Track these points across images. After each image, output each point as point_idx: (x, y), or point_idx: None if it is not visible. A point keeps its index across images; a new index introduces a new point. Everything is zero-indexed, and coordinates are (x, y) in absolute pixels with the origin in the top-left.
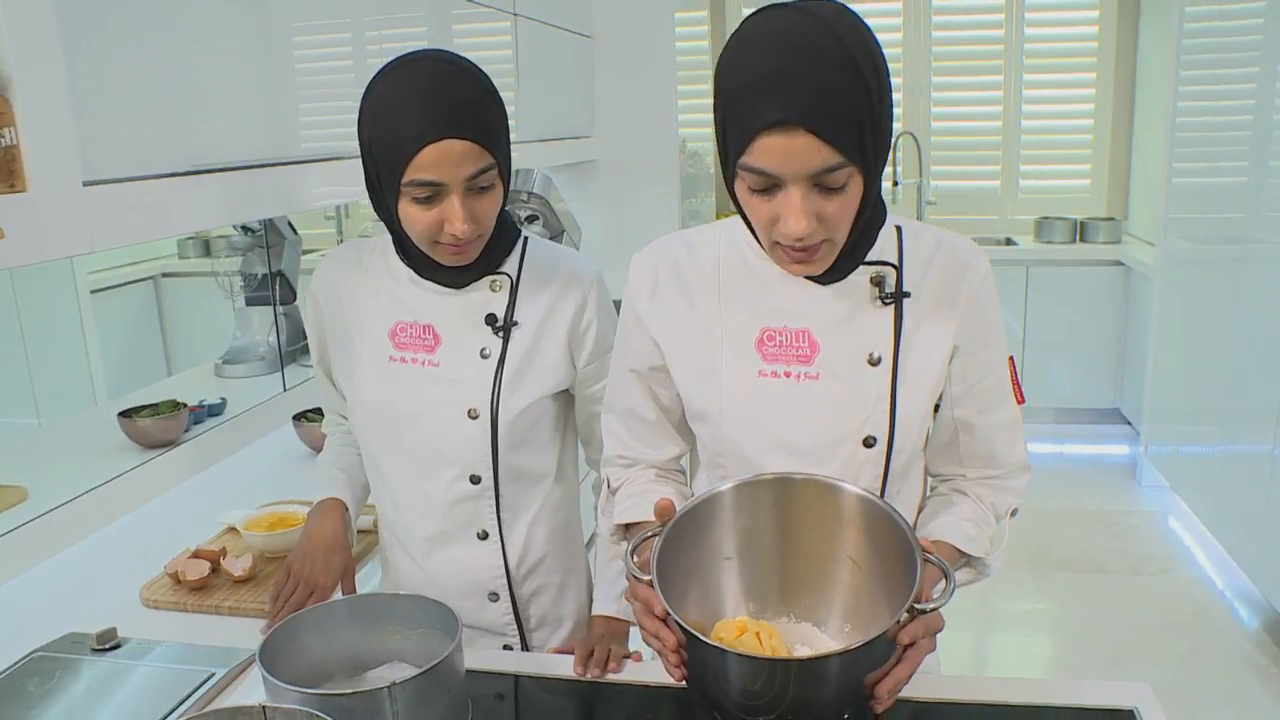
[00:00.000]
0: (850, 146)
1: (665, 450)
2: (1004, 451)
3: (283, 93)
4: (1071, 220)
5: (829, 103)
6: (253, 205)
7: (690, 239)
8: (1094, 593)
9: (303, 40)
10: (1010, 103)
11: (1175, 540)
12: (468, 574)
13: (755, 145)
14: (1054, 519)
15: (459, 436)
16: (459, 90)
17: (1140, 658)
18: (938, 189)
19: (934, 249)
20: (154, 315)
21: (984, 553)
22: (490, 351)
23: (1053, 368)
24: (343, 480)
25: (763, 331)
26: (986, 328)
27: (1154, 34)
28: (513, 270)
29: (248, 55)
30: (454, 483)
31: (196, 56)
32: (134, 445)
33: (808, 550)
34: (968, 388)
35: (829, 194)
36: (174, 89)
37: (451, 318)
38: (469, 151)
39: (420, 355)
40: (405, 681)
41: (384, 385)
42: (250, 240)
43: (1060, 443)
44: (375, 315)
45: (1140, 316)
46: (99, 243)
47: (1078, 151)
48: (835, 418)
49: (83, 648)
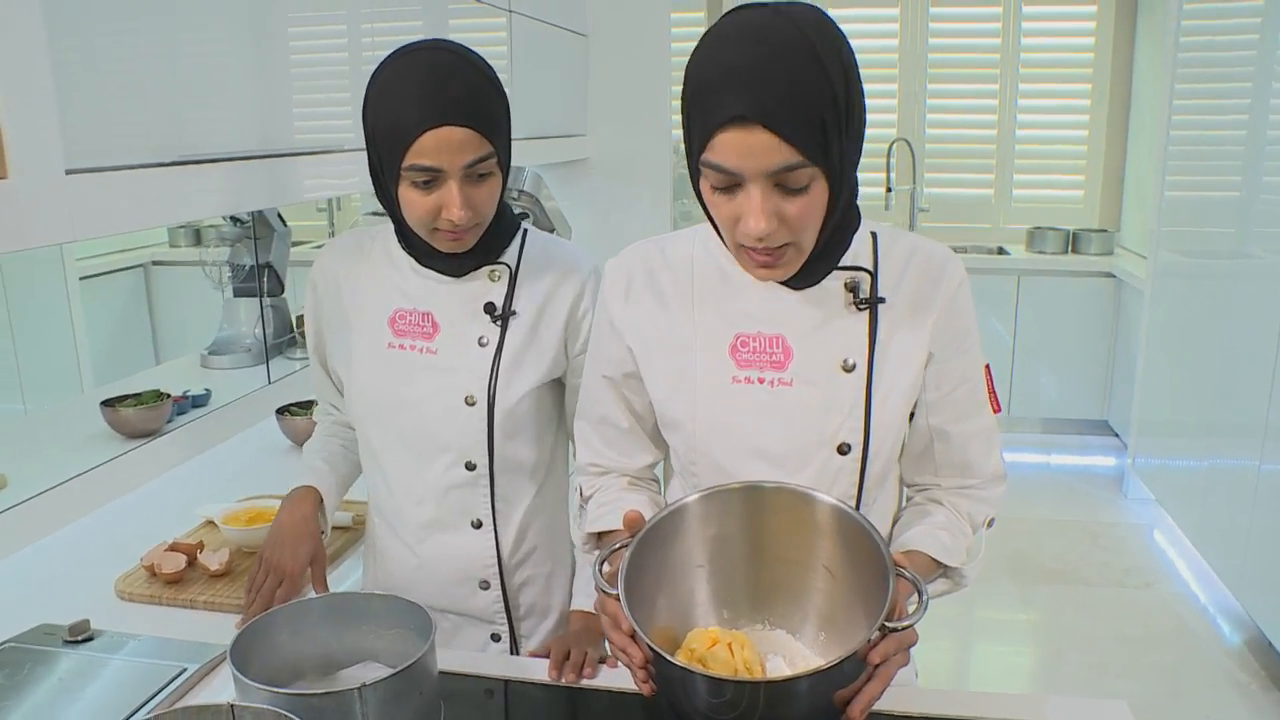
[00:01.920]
0: (812, 146)
1: (638, 458)
2: (979, 460)
3: (276, 84)
4: (1064, 231)
5: (791, 101)
6: (242, 197)
7: (664, 244)
8: (1077, 604)
9: (297, 31)
10: (1005, 111)
11: (1160, 554)
12: (460, 561)
13: (715, 141)
14: (1039, 529)
15: (455, 423)
16: (460, 79)
17: (1122, 671)
18: (931, 196)
19: (909, 255)
20: (143, 303)
21: (960, 563)
22: (488, 340)
23: (1041, 378)
24: (322, 470)
25: (736, 337)
26: (962, 335)
27: (1149, 46)
28: (512, 260)
29: (241, 45)
30: (449, 469)
31: (187, 45)
32: (116, 435)
33: (781, 557)
34: (942, 395)
35: (790, 194)
36: (163, 78)
37: (450, 306)
38: (468, 139)
39: (419, 343)
40: (376, 683)
41: (382, 372)
42: (239, 231)
43: (1047, 453)
44: (375, 303)
45: (1130, 329)
46: (81, 231)
47: (1072, 162)
48: (809, 424)
49: (55, 640)
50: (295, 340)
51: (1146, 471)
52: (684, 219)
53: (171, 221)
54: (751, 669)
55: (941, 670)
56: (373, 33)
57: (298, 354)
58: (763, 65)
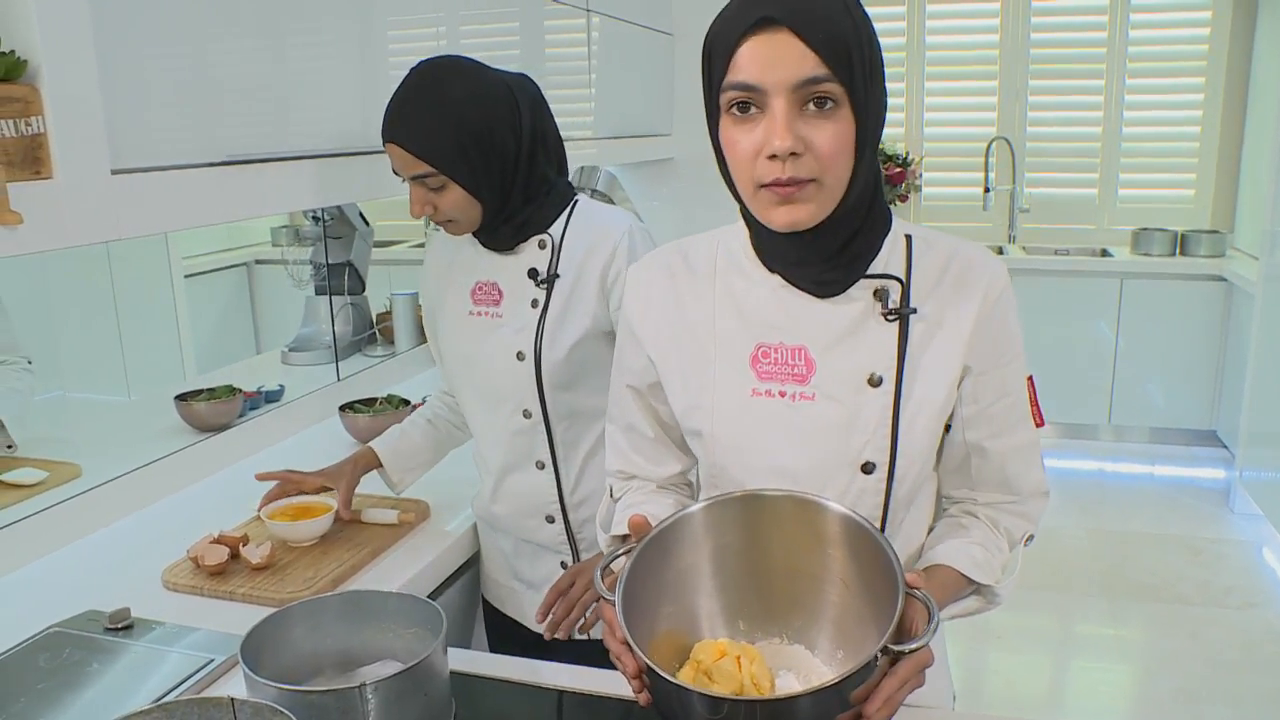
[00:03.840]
0: (837, 60)
1: (667, 466)
2: (1019, 477)
3: (371, 81)
4: (1172, 232)
5: (816, 11)
6: (289, 196)
7: (685, 248)
8: (1172, 623)
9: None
10: (1111, 107)
11: (1268, 573)
12: (528, 497)
13: (739, 54)
14: (1136, 543)
15: (511, 377)
16: (411, 101)
17: (1215, 696)
18: (1032, 196)
19: (946, 260)
20: (246, 300)
21: (994, 580)
22: (539, 301)
23: (1146, 385)
24: (394, 433)
25: (757, 348)
26: (1003, 346)
27: (1271, 37)
28: (557, 231)
29: (340, 48)
30: (510, 416)
31: (231, 47)
32: (188, 428)
33: (796, 569)
34: (979, 410)
35: (816, 118)
36: (208, 79)
37: (511, 276)
38: (405, 157)
39: (489, 309)
40: (379, 681)
41: (462, 335)
42: (319, 230)
43: (1151, 463)
44: (464, 280)
45: (1241, 335)
46: (125, 230)
47: (1182, 160)
48: (831, 442)
49: (97, 626)
50: (375, 338)
51: (1255, 485)
52: None
53: (218, 220)
54: (759, 684)
55: (1024, 686)
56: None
57: (377, 351)
58: None
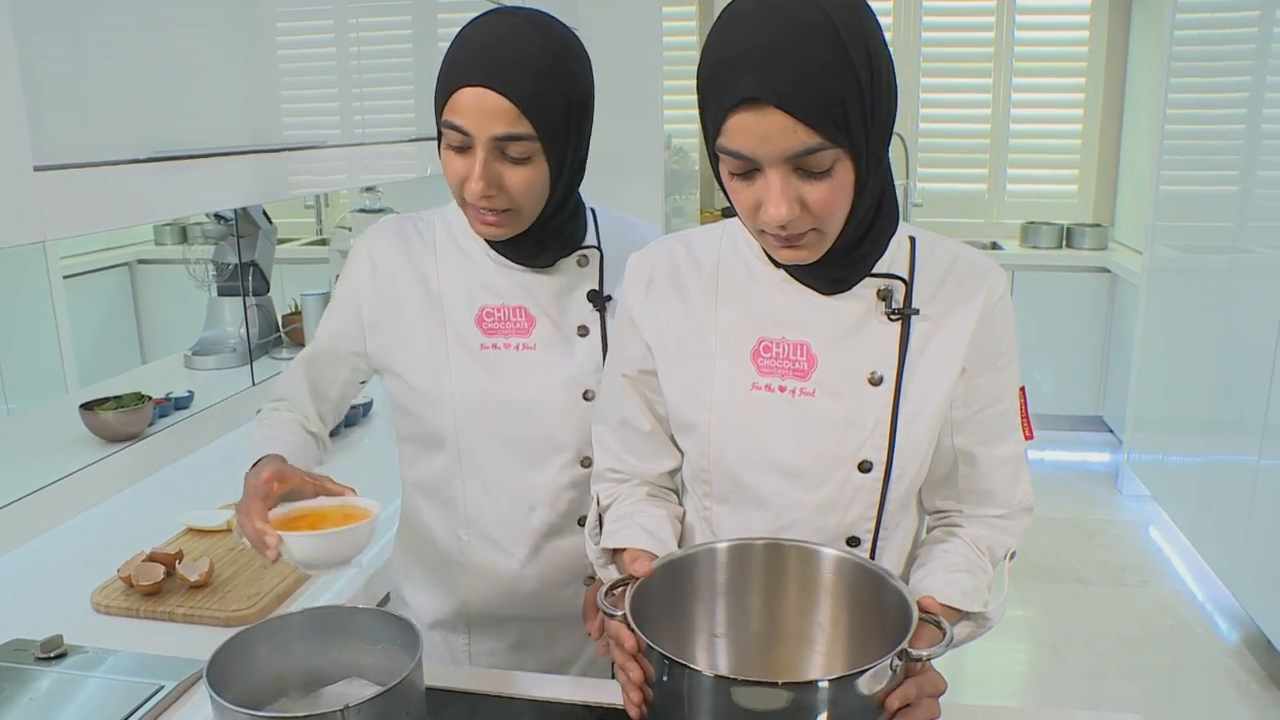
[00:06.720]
0: (830, 127)
1: (659, 463)
2: (1005, 489)
3: (261, 78)
4: (1058, 225)
5: (807, 80)
6: (223, 194)
7: (690, 240)
8: (1074, 603)
9: (286, 26)
10: (999, 105)
11: (1156, 551)
12: (569, 562)
13: (729, 125)
14: (1034, 527)
15: (572, 420)
16: (517, 47)
17: (1119, 670)
18: (924, 191)
19: (949, 264)
20: (129, 302)
21: (983, 605)
22: (590, 328)
23: (1035, 374)
24: (276, 440)
25: (759, 342)
26: (998, 352)
27: (1145, 39)
28: (596, 243)
29: (225, 39)
30: (564, 469)
31: (165, 38)
32: (96, 439)
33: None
34: (970, 413)
35: (812, 179)
36: (139, 71)
37: (544, 298)
38: (501, 108)
39: (514, 339)
40: (361, 704)
41: (480, 374)
42: (223, 229)
43: (1042, 449)
44: (457, 301)
45: (1125, 324)
46: (51, 231)
47: (1066, 156)
48: (830, 438)
49: (26, 656)
50: (281, 340)
51: (1142, 468)
52: (676, 215)
53: (147, 220)
54: None
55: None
56: (356, 27)
57: (283, 354)
58: (777, 44)
